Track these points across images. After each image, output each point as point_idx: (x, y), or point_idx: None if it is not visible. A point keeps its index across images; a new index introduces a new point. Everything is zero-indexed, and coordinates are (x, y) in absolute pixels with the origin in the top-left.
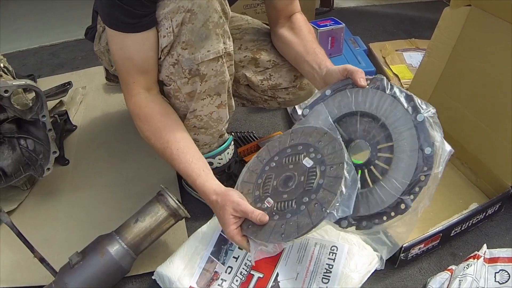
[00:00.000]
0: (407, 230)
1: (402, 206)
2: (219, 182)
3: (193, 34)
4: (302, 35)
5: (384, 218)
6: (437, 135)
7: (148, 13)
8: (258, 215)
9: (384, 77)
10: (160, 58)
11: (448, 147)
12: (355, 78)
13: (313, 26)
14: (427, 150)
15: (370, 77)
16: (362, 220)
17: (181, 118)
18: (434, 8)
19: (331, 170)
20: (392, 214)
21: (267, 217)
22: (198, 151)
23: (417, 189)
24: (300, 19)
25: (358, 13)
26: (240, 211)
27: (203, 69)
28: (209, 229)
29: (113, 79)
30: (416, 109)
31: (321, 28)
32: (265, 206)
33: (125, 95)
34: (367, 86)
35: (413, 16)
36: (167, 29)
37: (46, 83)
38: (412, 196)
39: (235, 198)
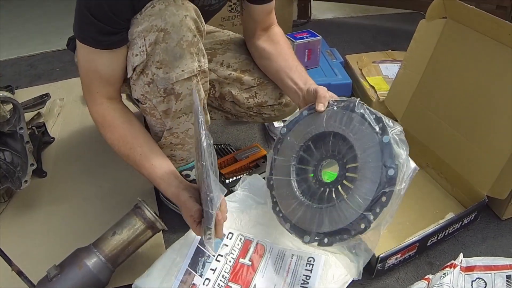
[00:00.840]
0: (371, 247)
1: (362, 225)
2: (180, 182)
3: (167, 54)
4: (281, 49)
5: (345, 236)
6: (402, 152)
7: (120, 31)
8: (195, 228)
9: (357, 99)
10: (133, 77)
11: (412, 165)
12: (316, 101)
13: (290, 39)
14: (390, 171)
15: (345, 99)
16: (325, 237)
17: (157, 135)
18: (411, 19)
19: None
20: (353, 232)
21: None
22: (161, 153)
23: (378, 209)
24: (277, 32)
25: (335, 24)
26: (189, 221)
27: (178, 88)
28: (187, 241)
29: None
30: (384, 130)
31: (298, 41)
32: None
33: (88, 103)
34: (338, 108)
35: (391, 27)
36: (140, 47)
37: (24, 95)
38: (372, 217)
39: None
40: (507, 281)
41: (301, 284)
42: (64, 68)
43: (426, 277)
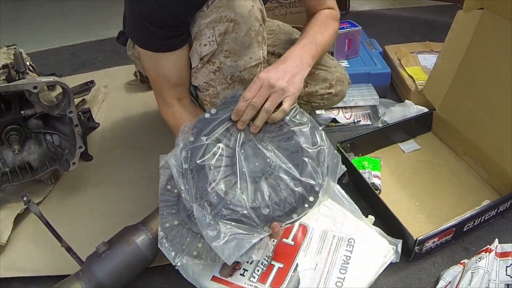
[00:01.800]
0: None
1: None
2: None
3: (236, 43)
4: (314, 18)
5: None
6: None
7: (181, 32)
8: None
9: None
10: (198, 65)
11: None
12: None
13: None
14: None
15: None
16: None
17: None
18: (449, 11)
19: None
20: None
21: None
22: None
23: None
24: (325, 12)
25: (373, 16)
26: None
27: (244, 74)
28: None
29: (147, 81)
30: None
31: (338, 31)
32: None
33: (159, 106)
34: None
35: (428, 19)
36: (209, 37)
37: (68, 82)
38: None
39: None
40: None
41: (341, 264)
42: (106, 57)
43: (461, 261)
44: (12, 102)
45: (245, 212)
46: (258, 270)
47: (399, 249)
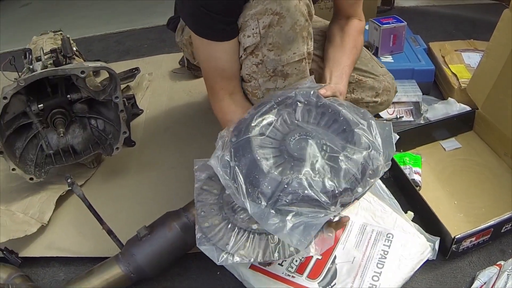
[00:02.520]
0: None
1: None
2: None
3: (280, 37)
4: (346, 43)
5: None
6: None
7: (234, 20)
8: None
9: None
10: (242, 56)
11: None
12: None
13: (376, 23)
14: None
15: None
16: None
17: None
18: (494, 10)
19: None
20: None
21: None
22: None
23: None
24: (354, 26)
25: (418, 12)
26: None
27: (287, 69)
28: None
29: (194, 68)
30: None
31: (384, 26)
32: None
33: (210, 99)
34: None
35: (473, 17)
36: (253, 29)
37: (113, 68)
38: None
39: None
40: None
41: (379, 258)
42: (151, 45)
43: (498, 263)
44: (59, 86)
45: (306, 192)
46: (296, 261)
47: (437, 247)
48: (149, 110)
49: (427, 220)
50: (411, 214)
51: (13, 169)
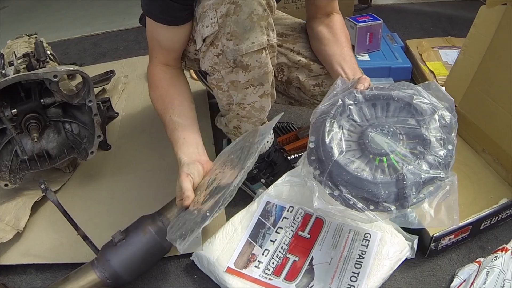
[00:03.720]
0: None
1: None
2: (193, 148)
3: (237, 26)
4: (338, 37)
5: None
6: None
7: (186, 8)
8: (185, 198)
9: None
10: (202, 48)
11: None
12: (358, 82)
13: (352, 22)
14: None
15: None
16: None
17: (223, 108)
18: (471, 6)
19: None
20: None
21: (189, 202)
22: (191, 119)
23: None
24: (338, 19)
25: (395, 10)
26: (180, 187)
27: (247, 60)
28: (248, 213)
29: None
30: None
31: (360, 24)
32: None
33: (149, 63)
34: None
35: (450, 14)
36: (211, 19)
37: (89, 72)
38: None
39: (183, 173)
40: None
41: (357, 259)
42: (127, 47)
43: (477, 260)
44: (32, 91)
45: (424, 175)
46: (273, 263)
47: (415, 246)
48: (125, 112)
49: None
50: None
51: None
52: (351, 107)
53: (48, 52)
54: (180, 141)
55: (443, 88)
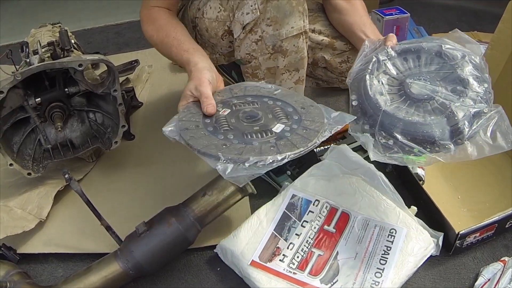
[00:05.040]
0: None
1: None
2: (207, 60)
3: (278, 11)
4: (356, 6)
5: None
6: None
7: None
8: (209, 104)
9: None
10: (240, 36)
11: None
12: (386, 40)
13: (378, 14)
14: None
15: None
16: None
17: None
18: (497, 1)
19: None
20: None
21: (214, 110)
22: (194, 41)
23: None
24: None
25: (421, 3)
26: (199, 91)
27: (286, 45)
28: (274, 206)
29: None
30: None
31: (387, 17)
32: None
33: (144, 2)
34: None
35: (476, 9)
36: (251, 6)
37: (112, 61)
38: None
39: (204, 77)
40: None
41: (382, 254)
42: None
43: (502, 259)
44: (56, 79)
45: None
46: (297, 257)
47: (440, 243)
48: (149, 102)
49: (430, 215)
50: (414, 209)
51: (11, 164)
52: (385, 62)
53: (73, 41)
54: (191, 50)
55: (467, 36)
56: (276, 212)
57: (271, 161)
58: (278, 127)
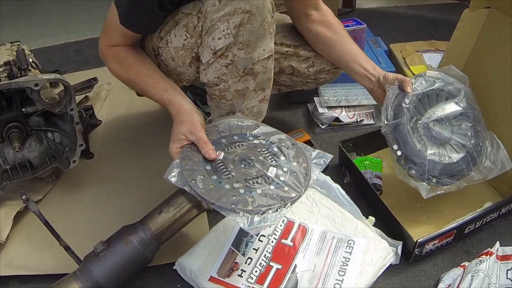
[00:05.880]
0: None
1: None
2: (188, 99)
3: (251, 35)
4: (341, 33)
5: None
6: None
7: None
8: (210, 150)
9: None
10: (209, 61)
11: None
12: (404, 85)
13: None
14: None
15: (414, 80)
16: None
17: (221, 116)
18: (455, 10)
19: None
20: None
21: (215, 155)
22: (167, 77)
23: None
24: (329, 13)
25: (379, 14)
26: (195, 136)
27: (257, 67)
28: (231, 221)
29: None
30: None
31: None
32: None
33: (103, 40)
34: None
35: (434, 17)
36: (223, 31)
37: (72, 79)
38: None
39: (196, 121)
40: None
41: (340, 266)
42: None
43: (462, 264)
44: (13, 99)
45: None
46: (256, 271)
47: (399, 251)
48: (108, 120)
49: (389, 225)
50: (372, 219)
51: None
52: (412, 110)
53: (30, 60)
54: (170, 90)
55: (458, 70)
56: (233, 228)
57: (278, 210)
58: (271, 171)
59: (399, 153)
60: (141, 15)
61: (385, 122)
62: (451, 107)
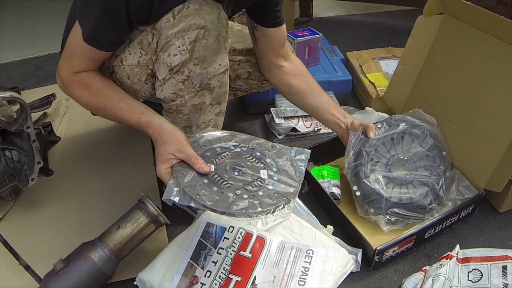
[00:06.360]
0: None
1: None
2: (165, 119)
3: (206, 50)
4: (312, 84)
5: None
6: None
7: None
8: (203, 164)
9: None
10: (166, 77)
11: None
12: (367, 131)
13: (290, 37)
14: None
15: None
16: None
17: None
18: (413, 16)
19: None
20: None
21: (208, 168)
22: (136, 99)
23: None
24: (298, 63)
25: (337, 22)
26: (184, 153)
27: (213, 82)
28: (189, 234)
29: None
30: None
31: (298, 39)
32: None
33: (65, 68)
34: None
35: (392, 24)
36: (179, 47)
37: (31, 95)
38: None
39: (181, 139)
40: (502, 271)
41: (300, 276)
42: None
43: (423, 268)
44: None
45: None
46: (215, 284)
47: (359, 259)
48: (67, 137)
49: (348, 233)
50: (330, 228)
51: None
52: (372, 153)
53: None
54: (146, 112)
55: (425, 113)
56: (191, 241)
57: (284, 207)
58: (263, 173)
59: (358, 193)
60: (109, 28)
61: (346, 165)
62: (414, 149)
